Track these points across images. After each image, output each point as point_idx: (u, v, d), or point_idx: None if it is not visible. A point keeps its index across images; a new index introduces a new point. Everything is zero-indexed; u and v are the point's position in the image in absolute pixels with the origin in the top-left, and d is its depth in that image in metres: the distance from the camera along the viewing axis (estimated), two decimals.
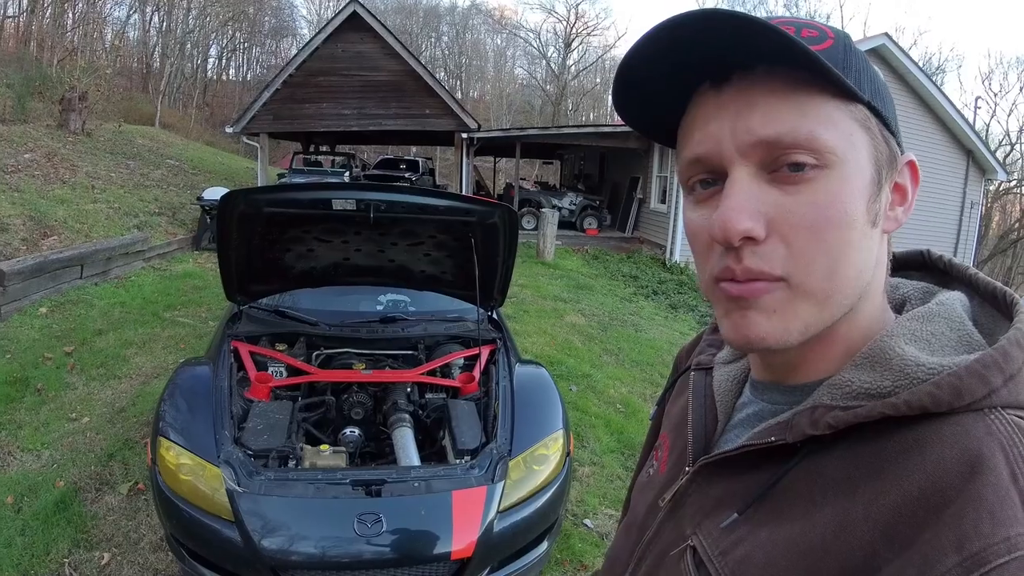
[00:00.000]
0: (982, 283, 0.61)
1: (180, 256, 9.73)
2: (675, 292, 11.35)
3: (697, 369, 0.80)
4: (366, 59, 15.69)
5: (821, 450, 0.55)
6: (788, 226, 0.53)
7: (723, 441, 0.70)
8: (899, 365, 0.53)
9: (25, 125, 12.25)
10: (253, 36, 45.81)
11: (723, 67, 0.55)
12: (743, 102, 0.54)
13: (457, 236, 3.30)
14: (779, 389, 0.64)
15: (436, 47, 53.97)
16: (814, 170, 0.53)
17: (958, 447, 0.48)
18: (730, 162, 0.54)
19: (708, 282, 0.58)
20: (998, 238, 28.26)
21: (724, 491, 0.63)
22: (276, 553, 2.28)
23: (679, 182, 0.62)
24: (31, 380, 4.78)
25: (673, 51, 0.54)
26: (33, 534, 3.08)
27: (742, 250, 0.53)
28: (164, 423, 2.64)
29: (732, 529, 0.59)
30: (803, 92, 0.53)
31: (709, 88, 0.56)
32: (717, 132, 0.55)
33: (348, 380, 3.27)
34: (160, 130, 23.01)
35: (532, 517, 2.63)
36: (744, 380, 0.73)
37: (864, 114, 0.55)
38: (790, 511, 0.55)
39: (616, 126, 17.16)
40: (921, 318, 0.57)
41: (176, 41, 34.69)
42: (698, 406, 0.75)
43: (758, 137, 0.53)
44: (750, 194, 0.53)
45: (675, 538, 0.67)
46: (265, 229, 3.14)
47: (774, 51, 0.51)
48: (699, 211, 0.58)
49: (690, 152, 0.58)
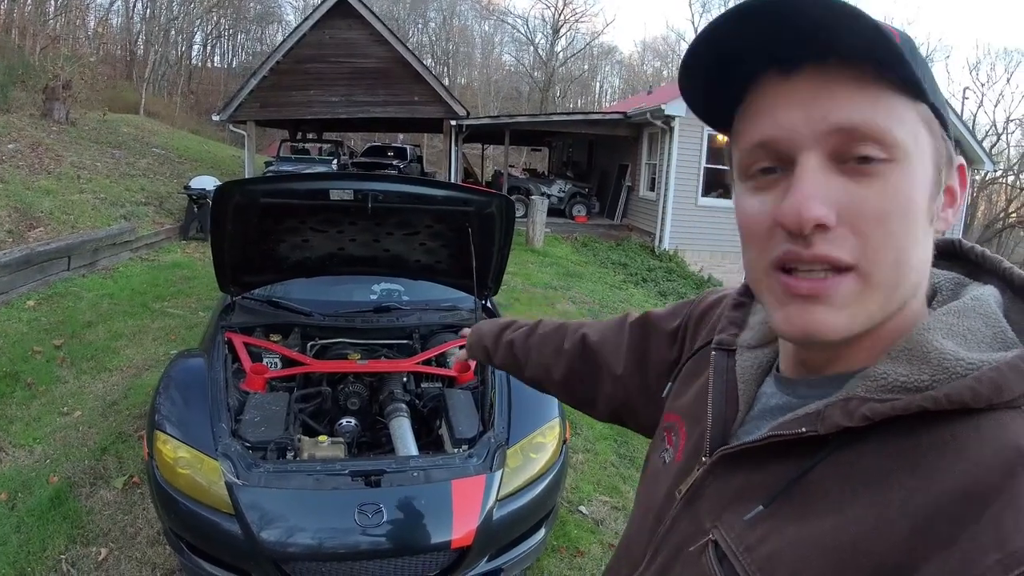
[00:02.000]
0: (1017, 278, 0.61)
1: (168, 246, 9.65)
2: (664, 279, 11.41)
3: (719, 349, 0.77)
4: (354, 46, 15.53)
5: (852, 443, 0.54)
6: (858, 215, 0.52)
7: (742, 432, 0.68)
8: (937, 359, 0.52)
9: (8, 115, 12.06)
10: (238, 22, 45.25)
11: (796, 55, 0.54)
12: (819, 90, 0.53)
13: (454, 226, 3.30)
14: (807, 383, 0.63)
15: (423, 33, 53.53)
16: (882, 164, 0.52)
17: (998, 444, 0.47)
18: (801, 149, 0.54)
19: (763, 269, 0.57)
20: (983, 227, 28.59)
21: (745, 483, 0.62)
22: (276, 545, 2.28)
23: (735, 168, 0.61)
24: (21, 374, 4.73)
25: (741, 34, 0.54)
26: (29, 531, 3.07)
27: (812, 236, 0.52)
28: (160, 416, 2.63)
29: (757, 523, 0.58)
30: (876, 86, 0.53)
31: (776, 74, 0.56)
32: (788, 118, 0.54)
33: (344, 370, 3.27)
34: (145, 118, 22.72)
35: (530, 505, 2.65)
36: (768, 368, 0.72)
37: (928, 114, 0.55)
38: (820, 505, 0.54)
39: (604, 113, 17.17)
40: (957, 313, 0.57)
41: (160, 28, 34.22)
42: (718, 393, 0.72)
43: (835, 124, 0.52)
44: (821, 182, 0.53)
45: (693, 531, 0.66)
46: (260, 220, 3.12)
47: (864, 43, 0.50)
48: (758, 197, 0.58)
49: (757, 136, 0.57)
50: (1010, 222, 27.61)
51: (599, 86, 57.91)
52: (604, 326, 1.10)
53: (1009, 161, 29.94)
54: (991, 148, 27.25)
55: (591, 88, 57.09)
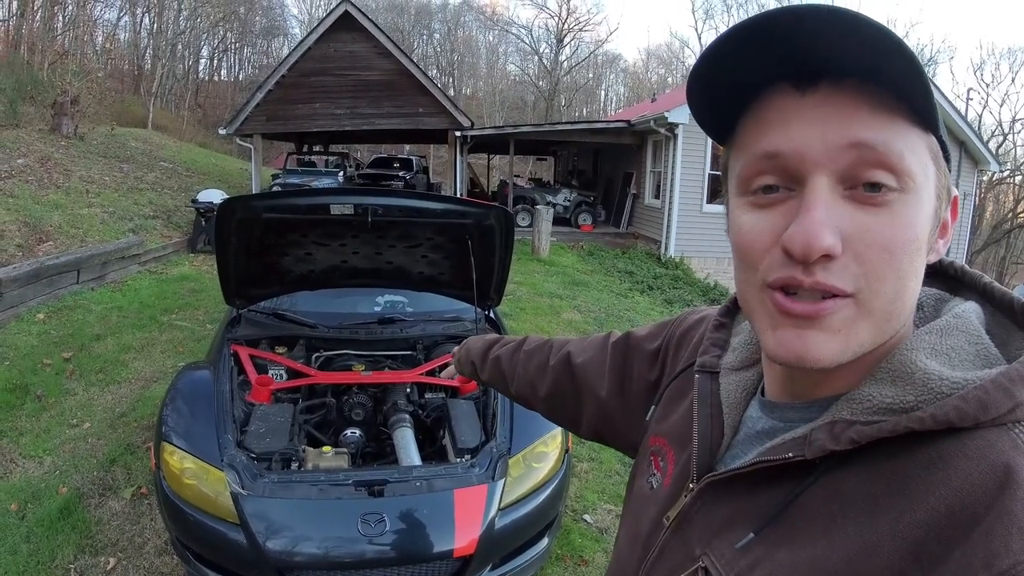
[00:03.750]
0: (997, 293, 0.60)
1: (176, 259, 9.73)
2: (670, 287, 11.40)
3: (702, 371, 0.76)
4: (358, 58, 15.66)
5: (839, 467, 0.54)
6: (864, 244, 0.51)
7: (729, 457, 0.67)
8: (922, 379, 0.52)
9: (17, 130, 12.21)
10: (244, 36, 45.62)
11: (812, 71, 0.52)
12: (835, 108, 0.52)
13: (454, 238, 3.34)
14: (793, 407, 0.62)
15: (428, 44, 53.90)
16: (892, 193, 0.51)
17: (985, 462, 0.47)
18: (812, 168, 0.52)
19: (756, 289, 0.56)
20: (991, 228, 28.39)
21: (733, 509, 0.62)
22: (281, 554, 2.31)
23: (735, 180, 0.59)
24: (31, 387, 4.79)
25: (765, 44, 0.52)
26: (38, 541, 3.10)
27: (814, 264, 0.51)
28: (167, 428, 2.67)
29: (747, 550, 0.57)
30: (891, 112, 0.52)
31: (790, 89, 0.54)
32: (803, 134, 0.52)
33: (348, 382, 3.30)
34: (153, 132, 22.93)
35: (532, 514, 2.67)
36: (753, 391, 0.71)
37: (936, 147, 0.55)
38: (809, 530, 0.53)
39: (609, 122, 17.19)
40: (939, 331, 0.56)
41: (167, 42, 34.53)
42: (704, 417, 0.71)
43: (854, 139, 0.51)
44: (831, 208, 0.51)
45: (683, 559, 0.65)
46: (263, 234, 3.17)
47: (887, 66, 0.49)
48: (756, 215, 0.56)
49: (768, 146, 0.54)
50: (1018, 222, 27.36)
51: (604, 94, 58.14)
52: (588, 344, 1.10)
53: (1016, 161, 29.69)
54: (997, 148, 27.05)
55: (596, 96, 57.28)
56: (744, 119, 0.58)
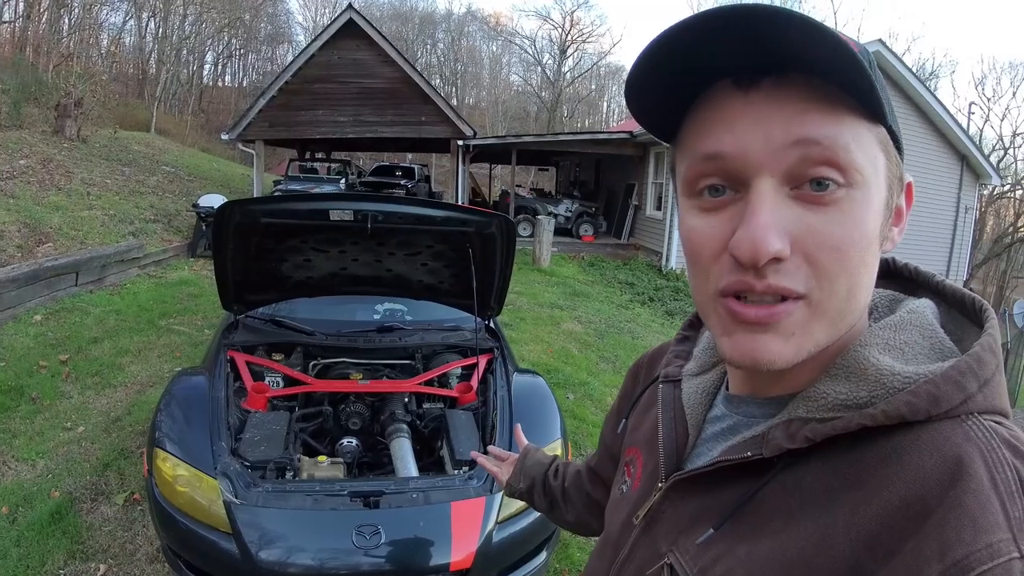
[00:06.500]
0: (949, 290, 0.61)
1: (176, 263, 9.71)
2: (671, 299, 11.36)
3: (665, 381, 0.78)
4: (362, 66, 15.71)
5: (797, 463, 0.55)
6: (813, 245, 0.51)
7: (695, 456, 0.69)
8: (875, 375, 0.53)
9: (20, 131, 12.22)
10: (249, 42, 45.84)
11: (754, 68, 0.51)
12: (779, 106, 0.51)
13: (454, 246, 3.30)
14: (755, 402, 0.63)
15: (432, 54, 54.10)
16: (840, 189, 0.51)
17: (937, 454, 0.47)
18: (756, 170, 0.52)
19: (710, 296, 0.56)
20: (992, 242, 28.44)
21: (699, 507, 0.63)
22: (273, 565, 2.26)
23: (680, 182, 0.58)
24: (26, 389, 4.75)
25: (700, 43, 0.51)
26: (28, 545, 3.06)
27: (765, 267, 0.51)
28: (160, 434, 2.63)
29: (709, 545, 0.59)
30: (835, 107, 0.51)
31: (732, 88, 0.53)
32: (745, 136, 0.52)
33: (345, 390, 3.26)
34: (156, 136, 22.97)
35: (530, 527, 2.62)
36: (715, 392, 0.72)
37: (885, 136, 0.54)
38: (768, 525, 0.54)
39: (611, 133, 17.23)
40: (893, 327, 0.57)
41: (172, 47, 34.64)
42: (668, 420, 0.73)
43: (797, 136, 0.50)
44: (777, 211, 0.51)
45: (650, 556, 0.67)
46: (262, 239, 3.13)
47: (828, 57, 0.48)
48: (705, 219, 0.56)
49: (711, 147, 0.54)
50: (1019, 236, 27.40)
51: (606, 105, 58.28)
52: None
53: (1017, 175, 29.72)
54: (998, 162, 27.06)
55: (599, 107, 57.48)
56: (687, 118, 0.57)
